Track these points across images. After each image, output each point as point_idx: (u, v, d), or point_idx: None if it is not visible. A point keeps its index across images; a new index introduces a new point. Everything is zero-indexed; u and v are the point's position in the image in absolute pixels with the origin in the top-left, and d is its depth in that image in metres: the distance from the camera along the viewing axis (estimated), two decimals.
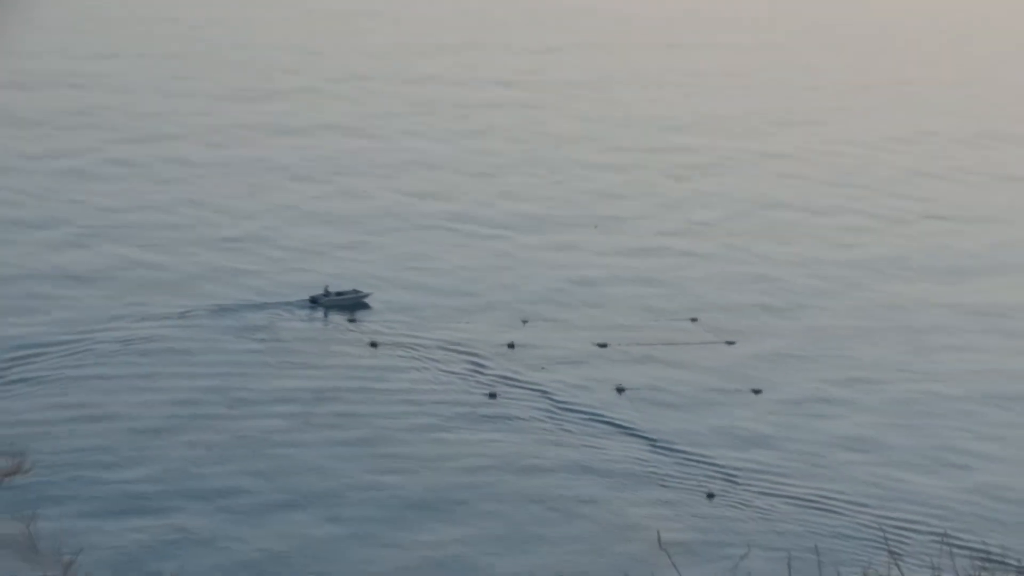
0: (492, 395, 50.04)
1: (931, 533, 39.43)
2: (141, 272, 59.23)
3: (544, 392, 50.46)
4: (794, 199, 74.13)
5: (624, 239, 66.58)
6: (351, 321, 55.47)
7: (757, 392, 51.48)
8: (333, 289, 56.81)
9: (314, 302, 56.39)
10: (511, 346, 53.50)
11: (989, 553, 31.52)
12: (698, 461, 46.41)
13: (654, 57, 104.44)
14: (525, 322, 55.86)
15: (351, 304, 56.62)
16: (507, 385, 50.93)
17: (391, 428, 47.51)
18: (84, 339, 51.95)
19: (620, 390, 50.69)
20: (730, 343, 55.28)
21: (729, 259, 64.77)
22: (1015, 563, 30.98)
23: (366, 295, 57.16)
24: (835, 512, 43.45)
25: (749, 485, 45.05)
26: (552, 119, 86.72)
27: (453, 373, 51.50)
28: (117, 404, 47.71)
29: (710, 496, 44.14)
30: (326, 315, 55.81)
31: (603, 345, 54.11)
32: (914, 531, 41.01)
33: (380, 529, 41.47)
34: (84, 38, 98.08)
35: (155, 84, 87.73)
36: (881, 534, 38.25)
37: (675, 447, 47.22)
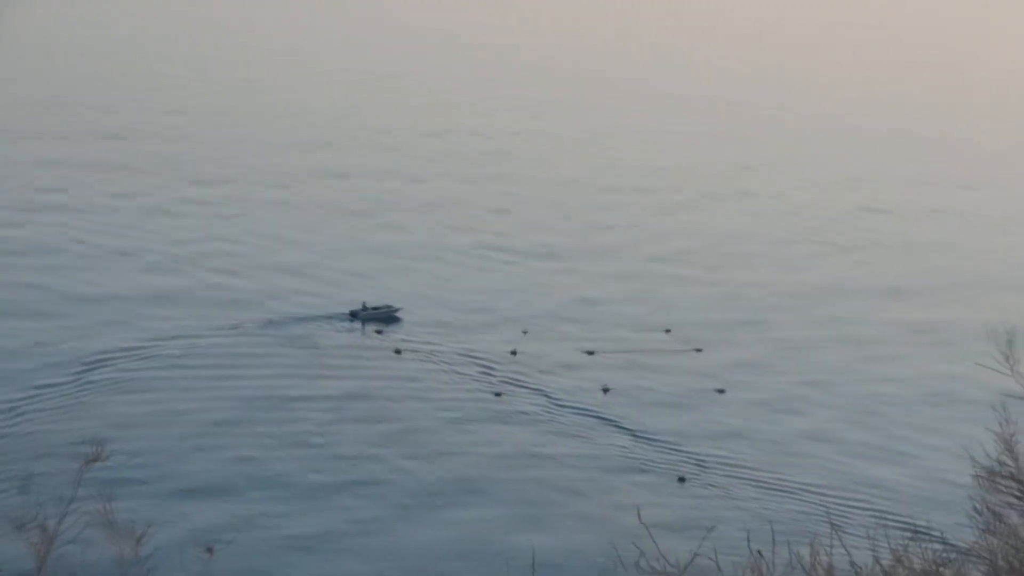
0: (498, 394, 49.77)
1: (870, 510, 39.26)
2: (206, 292, 59.33)
3: (542, 392, 50.34)
4: (757, 231, 74.13)
5: (612, 264, 66.56)
6: (379, 332, 55.21)
7: (721, 392, 51.33)
8: (370, 305, 56.46)
9: (353, 316, 55.95)
10: (514, 353, 53.29)
11: (917, 526, 30.93)
12: (671, 449, 46.27)
13: (639, 113, 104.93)
14: (525, 333, 55.63)
15: (385, 317, 56.16)
16: (511, 386, 50.80)
17: (413, 423, 47.30)
18: (155, 346, 52.01)
19: (605, 390, 50.53)
20: (698, 351, 55.13)
21: (700, 281, 64.67)
22: (938, 535, 30.46)
23: (397, 310, 56.73)
24: (788, 493, 43.26)
25: (715, 470, 44.90)
26: (555, 165, 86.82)
27: (465, 375, 51.39)
28: (181, 402, 47.67)
29: (681, 480, 43.95)
30: (363, 327, 55.49)
31: (591, 352, 54.01)
32: (857, 509, 40.54)
33: (407, 509, 41.11)
34: (158, 97, 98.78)
35: (220, 135, 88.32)
36: (826, 511, 37.57)
37: (652, 438, 47.08)
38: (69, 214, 68.54)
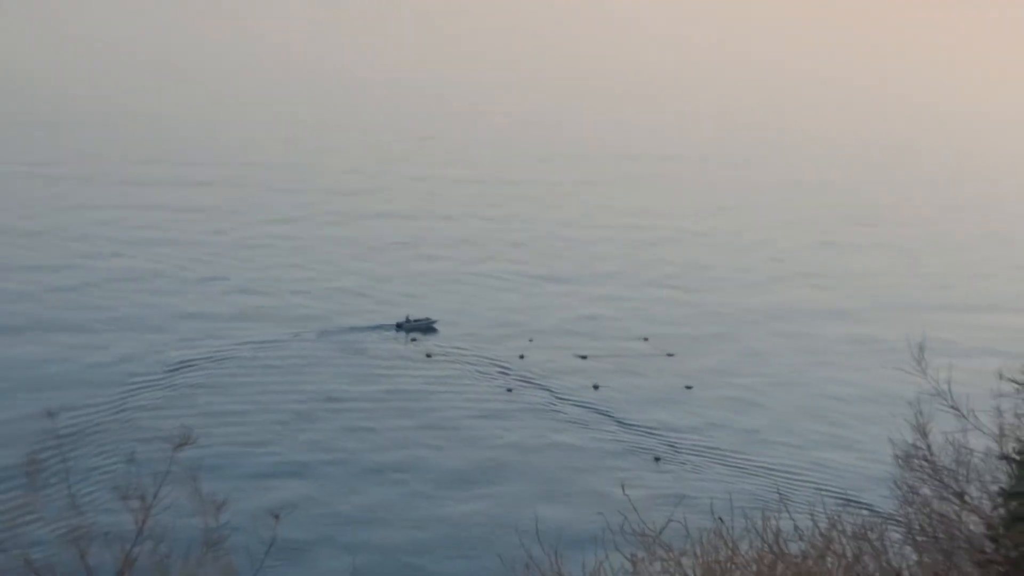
0: (509, 390, 49.76)
1: (812, 485, 38.54)
2: (277, 309, 59.27)
3: (545, 388, 50.37)
4: (725, 260, 73.69)
5: (602, 287, 66.16)
6: (414, 340, 55.10)
7: (689, 388, 51.29)
8: (412, 317, 56.30)
9: (399, 327, 55.66)
10: (522, 357, 53.19)
11: (849, 498, 31.03)
12: (649, 435, 46.27)
13: (627, 165, 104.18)
14: (531, 340, 55.55)
15: (424, 328, 55.83)
16: (520, 383, 50.80)
17: (442, 413, 47.24)
18: (232, 353, 52.22)
19: (596, 387, 50.47)
20: (670, 355, 54.92)
21: (675, 300, 64.28)
22: (866, 505, 30.47)
23: (435, 321, 56.51)
24: (744, 470, 43.32)
25: (684, 451, 44.87)
26: (556, 208, 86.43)
27: (484, 374, 51.41)
28: (254, 398, 47.78)
29: (657, 459, 43.98)
30: (407, 335, 55.23)
31: (584, 357, 53.88)
32: (801, 483, 40.00)
33: (439, 486, 41.33)
34: (237, 152, 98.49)
35: (287, 184, 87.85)
36: (775, 485, 37.13)
37: (633, 425, 47.18)
38: (169, 247, 68.69)
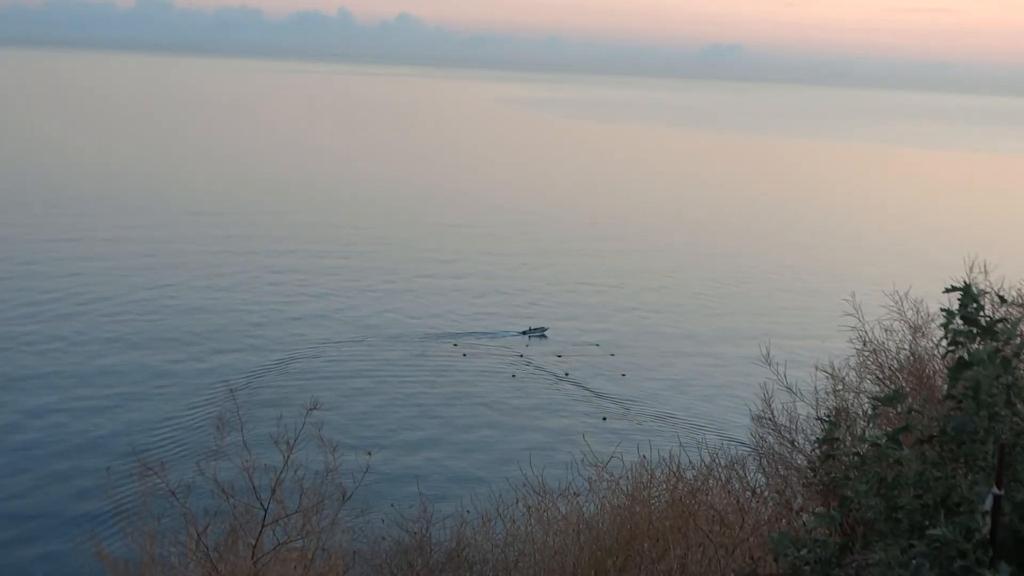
0: (513, 376, 48.54)
1: (700, 432, 36.46)
2: (444, 323, 56.41)
3: (541, 369, 49.48)
4: (661, 293, 68.09)
5: (576, 321, 62.19)
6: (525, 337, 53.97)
7: (623, 375, 50.06)
8: (533, 327, 54.75)
9: (523, 333, 53.90)
10: (521, 356, 51.90)
11: (724, 439, 29.52)
12: (602, 401, 45.39)
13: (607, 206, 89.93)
14: (527, 346, 53.78)
15: (539, 333, 53.91)
16: (526, 367, 49.84)
17: (495, 388, 46.06)
18: (385, 341, 50.82)
19: (566, 373, 49.43)
20: (612, 355, 53.36)
21: (616, 323, 60.92)
22: (734, 443, 28.48)
23: (546, 329, 54.61)
24: (661, 419, 42.46)
25: (625, 413, 43.85)
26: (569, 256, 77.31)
27: (510, 365, 50.11)
28: (392, 384, 45.49)
29: (604, 418, 43.19)
30: (528, 339, 53.40)
31: (559, 356, 52.46)
32: (694, 432, 37.47)
33: (485, 437, 40.33)
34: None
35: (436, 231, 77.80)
36: (676, 433, 33.85)
37: (589, 393, 46.31)
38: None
